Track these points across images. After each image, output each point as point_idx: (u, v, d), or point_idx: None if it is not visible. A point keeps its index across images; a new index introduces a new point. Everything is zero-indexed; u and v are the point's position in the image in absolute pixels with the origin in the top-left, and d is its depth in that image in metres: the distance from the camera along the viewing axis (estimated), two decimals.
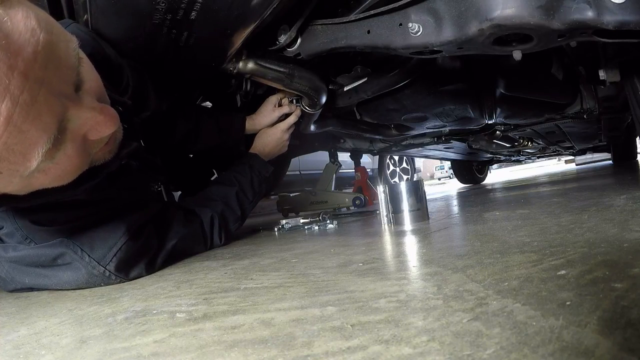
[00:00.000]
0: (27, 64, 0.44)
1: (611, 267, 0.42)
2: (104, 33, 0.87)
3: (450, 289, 0.43)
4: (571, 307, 0.33)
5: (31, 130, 0.47)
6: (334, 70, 1.32)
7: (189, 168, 1.48)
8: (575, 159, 5.83)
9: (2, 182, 0.51)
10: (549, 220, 0.79)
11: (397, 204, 1.12)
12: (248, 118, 1.31)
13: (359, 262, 0.64)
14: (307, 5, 0.88)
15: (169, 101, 1.13)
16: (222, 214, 1.10)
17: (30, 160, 0.49)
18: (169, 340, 0.41)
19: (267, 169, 1.27)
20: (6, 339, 0.51)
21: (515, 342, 0.29)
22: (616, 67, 1.04)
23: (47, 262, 0.76)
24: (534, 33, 0.69)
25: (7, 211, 0.74)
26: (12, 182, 0.52)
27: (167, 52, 0.92)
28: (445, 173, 13.83)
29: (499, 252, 0.57)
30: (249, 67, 1.03)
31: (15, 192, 0.56)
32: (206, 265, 0.84)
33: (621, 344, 0.26)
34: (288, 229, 1.39)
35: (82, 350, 0.42)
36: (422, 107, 1.41)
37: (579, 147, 3.56)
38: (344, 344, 0.33)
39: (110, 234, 0.78)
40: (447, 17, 0.73)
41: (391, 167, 4.93)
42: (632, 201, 0.87)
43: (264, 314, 0.45)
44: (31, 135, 0.47)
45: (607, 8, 0.62)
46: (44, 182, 0.56)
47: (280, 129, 1.32)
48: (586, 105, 1.53)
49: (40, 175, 0.53)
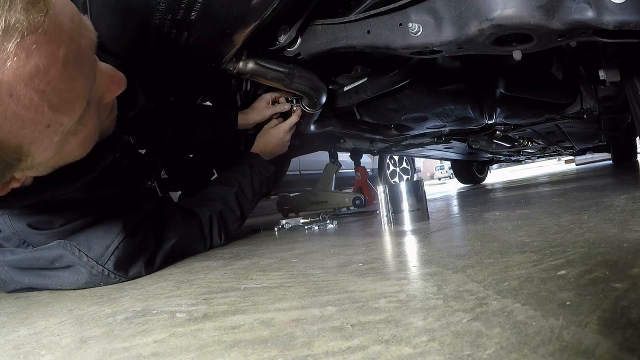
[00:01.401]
0: (70, 19, 0.51)
1: (611, 267, 0.42)
2: (104, 33, 0.87)
3: (450, 289, 0.43)
4: (571, 307, 0.33)
5: (79, 77, 0.52)
6: (334, 70, 1.32)
7: (188, 168, 1.48)
8: (575, 159, 5.83)
9: (44, 143, 0.54)
10: (549, 220, 0.79)
11: (397, 204, 1.12)
12: (241, 113, 1.30)
13: (359, 262, 0.64)
14: (307, 5, 0.88)
15: (158, 100, 1.13)
16: (221, 214, 1.10)
17: (75, 110, 0.54)
18: (169, 340, 0.41)
19: (267, 169, 1.27)
20: (6, 339, 0.51)
21: (515, 342, 0.29)
22: (616, 67, 1.04)
23: (46, 265, 0.76)
24: (534, 33, 0.69)
25: (3, 215, 0.74)
26: (52, 144, 0.55)
27: (167, 52, 0.92)
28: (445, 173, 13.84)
29: (499, 252, 0.57)
30: (249, 67, 1.03)
31: (42, 166, 0.58)
32: (206, 265, 0.84)
33: (621, 344, 0.26)
34: (288, 229, 1.38)
35: (82, 350, 0.42)
36: (422, 107, 1.41)
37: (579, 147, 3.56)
38: (344, 344, 0.33)
39: (106, 233, 0.78)
40: (447, 17, 0.73)
41: (391, 167, 4.93)
42: (632, 201, 0.87)
43: (264, 314, 0.45)
44: (79, 83, 0.53)
45: (607, 8, 0.62)
46: (73, 147, 0.59)
47: (282, 129, 1.32)
48: (586, 105, 1.53)
49: (72, 138, 0.57)
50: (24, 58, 0.45)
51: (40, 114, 0.49)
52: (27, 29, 0.44)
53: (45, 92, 0.48)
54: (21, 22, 0.44)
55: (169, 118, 1.20)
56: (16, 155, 0.53)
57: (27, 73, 0.46)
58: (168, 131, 1.20)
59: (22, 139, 0.51)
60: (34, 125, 0.50)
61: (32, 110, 0.48)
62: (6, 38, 0.43)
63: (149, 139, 1.15)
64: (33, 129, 0.50)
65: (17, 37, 0.44)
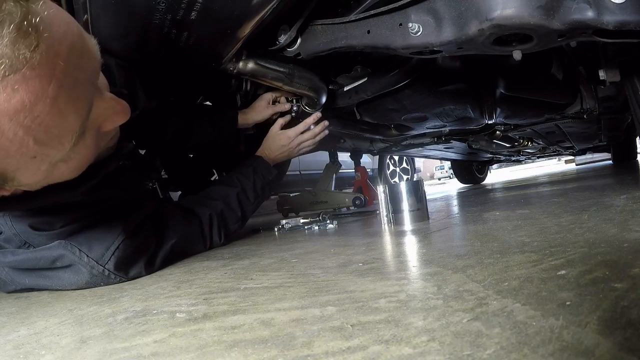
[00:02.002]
0: (68, 51, 0.48)
1: (611, 267, 0.42)
2: (104, 33, 0.87)
3: (450, 289, 0.43)
4: (571, 307, 0.33)
5: (70, 113, 0.50)
6: (334, 70, 1.32)
7: (189, 168, 1.48)
8: (575, 159, 5.83)
9: (30, 170, 0.52)
10: (549, 220, 0.79)
11: (397, 204, 1.12)
12: (240, 112, 1.30)
13: (359, 262, 0.64)
14: (307, 5, 0.88)
15: (158, 99, 1.13)
16: (222, 214, 1.10)
17: (64, 144, 0.52)
18: (169, 340, 0.41)
19: (270, 172, 1.26)
20: (6, 339, 0.51)
21: (515, 342, 0.29)
22: (616, 67, 1.04)
23: (47, 265, 0.76)
24: (534, 33, 0.69)
25: (4, 217, 0.74)
26: (39, 170, 0.53)
27: (167, 52, 0.92)
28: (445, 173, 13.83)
29: (499, 252, 0.57)
30: (249, 67, 1.03)
31: (31, 186, 0.57)
32: (206, 265, 0.84)
33: (621, 344, 0.26)
34: (288, 229, 1.38)
35: (82, 350, 0.42)
36: (422, 107, 1.41)
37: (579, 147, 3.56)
38: (344, 344, 0.33)
39: (107, 234, 0.78)
40: (447, 17, 0.73)
41: (391, 167, 4.92)
42: (632, 201, 0.87)
43: (264, 314, 0.45)
44: (69, 119, 0.50)
45: (607, 8, 0.62)
46: (64, 172, 0.57)
47: (287, 135, 1.31)
48: (586, 105, 1.53)
49: (62, 165, 0.55)
50: (10, 92, 0.43)
51: (25, 147, 0.48)
52: (10, 66, 0.42)
53: (30, 127, 0.46)
54: (8, 57, 0.42)
55: (170, 118, 1.20)
56: (1, 178, 0.52)
57: (12, 108, 0.44)
58: (169, 131, 1.20)
59: (7, 167, 0.50)
60: (19, 156, 0.49)
61: (17, 144, 0.47)
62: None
63: (150, 139, 1.15)
64: (18, 159, 0.49)
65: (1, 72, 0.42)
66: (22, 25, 0.42)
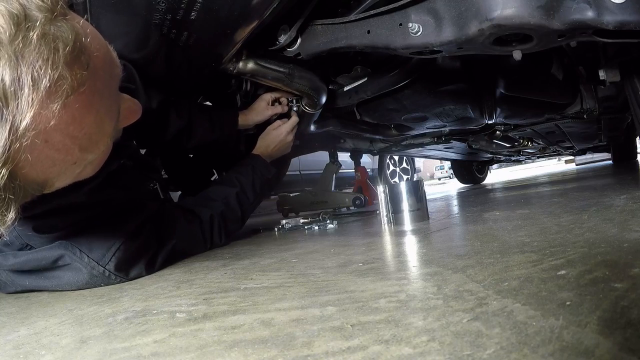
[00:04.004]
0: (104, 63, 0.51)
1: (611, 267, 0.42)
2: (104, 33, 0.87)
3: (450, 289, 0.43)
4: (571, 307, 0.33)
5: (106, 119, 0.53)
6: (334, 70, 1.32)
7: (189, 168, 1.48)
8: (575, 159, 5.83)
9: (68, 175, 0.54)
10: (549, 220, 0.79)
11: (397, 204, 1.12)
12: (240, 113, 1.30)
13: (359, 262, 0.64)
14: (307, 5, 0.88)
15: (159, 99, 1.13)
16: (222, 214, 1.10)
17: (100, 147, 0.55)
18: (169, 340, 0.41)
19: (269, 170, 1.27)
20: (6, 339, 0.51)
21: (515, 342, 0.29)
22: (616, 67, 1.04)
23: (48, 265, 0.76)
24: (534, 33, 0.69)
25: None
26: (74, 174, 0.55)
27: (166, 51, 0.92)
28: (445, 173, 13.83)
29: (499, 252, 0.57)
30: (249, 67, 1.03)
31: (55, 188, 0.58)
32: (206, 265, 0.84)
33: (621, 344, 0.26)
34: (288, 229, 1.38)
35: (82, 350, 0.42)
36: (422, 107, 1.41)
37: (579, 147, 3.56)
38: (344, 344, 0.33)
39: (108, 235, 0.78)
40: (447, 17, 0.73)
41: (391, 167, 4.92)
42: (632, 201, 0.87)
43: (264, 314, 0.45)
44: (106, 124, 0.53)
45: (607, 8, 0.62)
46: (88, 172, 0.59)
47: (284, 130, 1.31)
48: (586, 105, 1.53)
49: (89, 166, 0.57)
50: (63, 109, 0.45)
51: (71, 155, 0.51)
52: (71, 88, 0.44)
53: (77, 137, 0.49)
54: (66, 79, 0.44)
55: (171, 118, 1.20)
56: (40, 188, 0.54)
57: (64, 122, 0.46)
58: (170, 131, 1.20)
59: (50, 175, 0.52)
60: (63, 164, 0.51)
61: (63, 153, 0.49)
62: (50, 97, 0.43)
63: (151, 139, 1.15)
64: (61, 167, 0.51)
65: (62, 96, 0.44)
66: (74, 48, 0.45)
